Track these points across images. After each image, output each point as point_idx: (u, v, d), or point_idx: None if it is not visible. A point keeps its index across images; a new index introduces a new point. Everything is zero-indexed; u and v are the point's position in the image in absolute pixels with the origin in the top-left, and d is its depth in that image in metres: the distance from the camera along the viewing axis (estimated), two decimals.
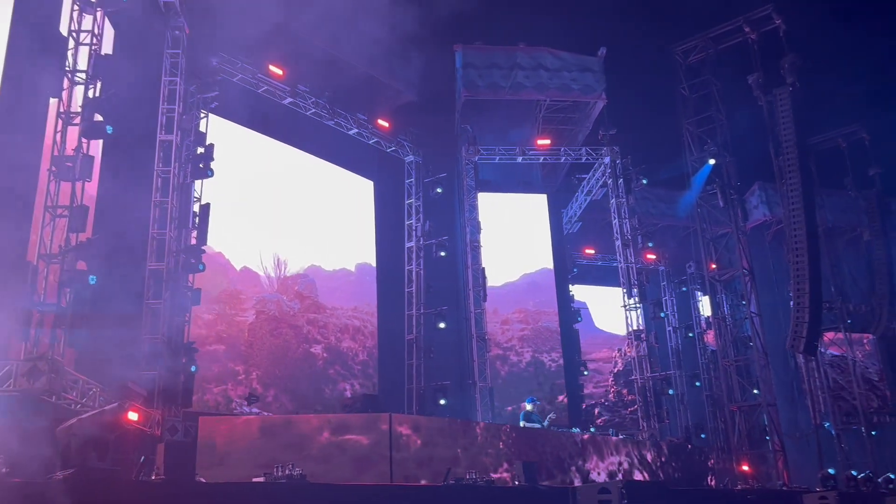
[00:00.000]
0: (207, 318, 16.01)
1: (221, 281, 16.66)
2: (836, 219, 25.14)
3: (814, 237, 18.48)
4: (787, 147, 18.64)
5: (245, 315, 16.86)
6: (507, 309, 22.73)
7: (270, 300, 17.47)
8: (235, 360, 16.35)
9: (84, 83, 10.75)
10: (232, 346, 16.35)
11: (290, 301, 17.99)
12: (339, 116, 18.90)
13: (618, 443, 14.69)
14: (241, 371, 16.39)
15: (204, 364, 15.40)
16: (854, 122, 24.49)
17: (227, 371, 16.08)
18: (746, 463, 18.45)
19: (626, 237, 20.57)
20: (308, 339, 18.17)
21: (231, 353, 16.27)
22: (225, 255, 16.80)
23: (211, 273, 16.09)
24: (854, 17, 24.00)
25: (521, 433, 13.41)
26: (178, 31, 14.57)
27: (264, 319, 17.19)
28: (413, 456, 11.48)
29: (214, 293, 16.36)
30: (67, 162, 10.14)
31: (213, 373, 15.79)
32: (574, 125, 22.21)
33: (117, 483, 7.24)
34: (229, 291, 16.76)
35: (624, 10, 22.11)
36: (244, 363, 16.51)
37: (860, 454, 20.45)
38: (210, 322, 16.10)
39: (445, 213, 20.39)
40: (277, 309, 17.58)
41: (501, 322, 22.45)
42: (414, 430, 11.74)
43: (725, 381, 19.92)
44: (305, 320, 18.22)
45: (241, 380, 16.27)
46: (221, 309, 16.43)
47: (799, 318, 17.89)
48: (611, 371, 26.42)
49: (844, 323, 22.32)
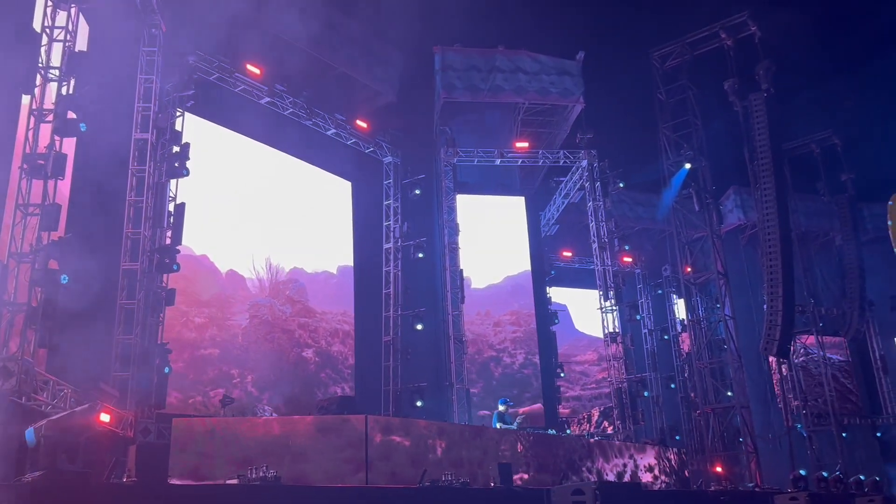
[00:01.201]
0: (198, 321, 16.03)
1: (211, 285, 16.66)
2: (809, 223, 25.58)
3: (787, 241, 18.74)
4: (762, 152, 18.90)
5: (235, 319, 16.89)
6: (499, 311, 22.77)
7: (263, 305, 17.56)
8: (230, 363, 16.40)
9: (57, 80, 10.63)
10: (226, 351, 16.41)
11: (282, 305, 18.09)
12: (317, 116, 18.82)
13: (620, 446, 15.18)
14: (237, 375, 16.43)
15: (199, 368, 15.63)
16: (827, 128, 24.92)
17: (223, 375, 16.13)
18: (720, 464, 18.63)
19: (602, 240, 20.71)
20: (300, 343, 18.29)
21: (225, 357, 16.33)
22: (210, 258, 16.74)
23: (199, 276, 16.23)
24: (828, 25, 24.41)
25: (538, 438, 13.67)
26: (155, 28, 14.47)
27: (258, 324, 17.27)
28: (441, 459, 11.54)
29: (205, 297, 16.40)
30: (40, 160, 10.01)
31: (209, 377, 15.85)
32: (552, 128, 22.33)
33: (88, 486, 7.14)
34: (220, 296, 16.76)
35: (602, 14, 22.31)
36: (239, 367, 16.56)
37: (831, 455, 20.76)
38: (201, 326, 16.10)
39: (424, 215, 20.38)
40: (270, 313, 17.69)
41: (494, 324, 22.50)
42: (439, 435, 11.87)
43: (700, 383, 20.12)
44: (297, 325, 18.34)
45: (237, 383, 16.30)
46: (212, 313, 16.44)
47: (772, 321, 18.14)
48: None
49: (817, 326, 22.66)
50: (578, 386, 25.66)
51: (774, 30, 19.94)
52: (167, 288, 13.70)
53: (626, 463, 14.75)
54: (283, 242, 18.41)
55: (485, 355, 21.79)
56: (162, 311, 13.59)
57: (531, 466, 12.66)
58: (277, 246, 18.30)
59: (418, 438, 11.50)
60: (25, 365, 8.92)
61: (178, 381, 14.64)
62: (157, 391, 12.67)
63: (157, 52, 14.49)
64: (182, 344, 15.29)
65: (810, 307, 22.40)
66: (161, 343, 13.20)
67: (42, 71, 10.54)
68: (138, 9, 14.08)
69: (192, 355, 15.69)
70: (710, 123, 21.16)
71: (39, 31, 10.64)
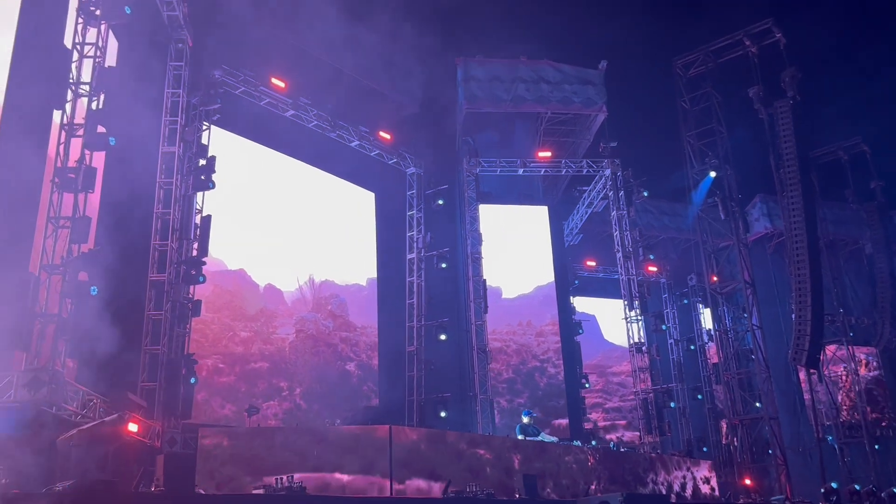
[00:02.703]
0: (244, 335, 16.48)
1: (254, 299, 17.21)
2: (838, 231, 25.18)
3: (815, 250, 18.47)
4: (789, 159, 18.67)
5: (278, 332, 17.34)
6: (540, 320, 22.75)
7: (309, 320, 18.15)
8: (279, 376, 16.91)
9: (87, 95, 10.82)
10: (274, 364, 16.93)
11: (325, 320, 18.63)
12: (341, 128, 18.95)
13: (678, 460, 16.08)
14: (286, 387, 16.96)
15: (250, 381, 16.23)
16: (855, 134, 24.58)
17: (273, 388, 16.68)
18: (749, 477, 18.34)
19: (627, 249, 20.57)
20: (342, 356, 18.84)
21: (274, 371, 16.87)
22: (247, 272, 17.13)
23: (242, 291, 16.82)
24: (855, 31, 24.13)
25: (606, 452, 14.72)
26: (182, 43, 14.69)
27: (304, 338, 17.80)
28: (518, 469, 12.29)
29: (251, 311, 16.92)
30: (70, 173, 10.18)
31: (260, 389, 16.37)
32: (575, 137, 22.27)
33: (117, 494, 7.22)
34: (264, 311, 17.29)
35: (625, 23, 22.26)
36: (288, 380, 17.08)
37: (863, 468, 20.35)
38: (247, 340, 16.55)
39: (446, 225, 20.40)
40: (315, 328, 18.21)
41: (536, 334, 22.50)
42: (515, 450, 12.72)
43: (727, 394, 19.85)
44: (339, 339, 18.90)
45: (286, 396, 16.84)
46: (257, 327, 16.94)
47: (801, 330, 17.85)
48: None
49: (847, 336, 22.27)
50: (617, 397, 25.46)
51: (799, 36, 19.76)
52: (193, 299, 13.84)
53: (685, 475, 15.68)
54: (312, 255, 18.68)
55: (529, 365, 21.86)
56: (188, 322, 13.72)
57: (603, 479, 13.52)
58: (307, 258, 18.61)
59: (499, 451, 12.38)
60: (56, 375, 9.05)
61: (231, 393, 15.38)
62: (184, 401, 12.78)
63: (184, 67, 14.71)
64: (233, 358, 15.94)
65: (840, 317, 22.03)
66: (187, 354, 13.32)
67: (73, 86, 10.74)
68: (165, 24, 14.33)
69: (243, 369, 16.24)
70: (735, 131, 20.98)
71: (70, 48, 10.85)
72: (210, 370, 15.48)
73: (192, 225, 14.23)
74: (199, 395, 14.39)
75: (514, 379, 21.02)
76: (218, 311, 16.22)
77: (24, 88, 10.18)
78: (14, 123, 9.99)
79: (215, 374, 15.68)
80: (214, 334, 15.96)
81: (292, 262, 18.20)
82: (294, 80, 17.45)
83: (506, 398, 21.13)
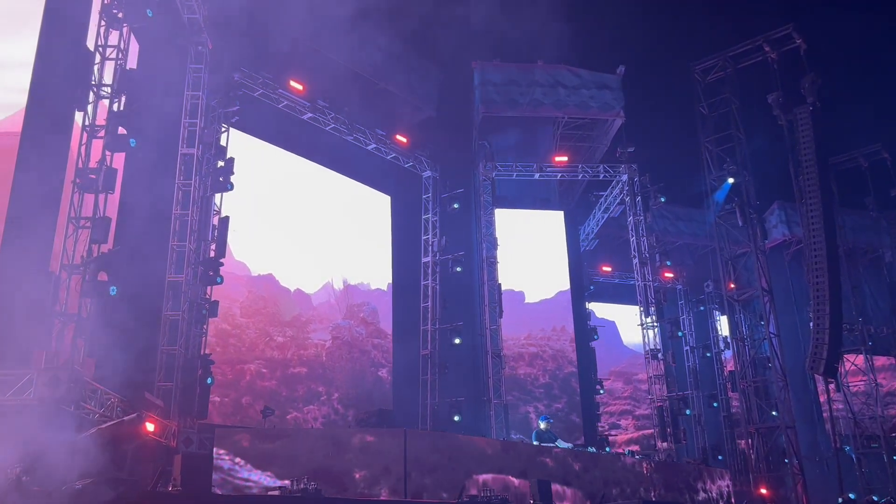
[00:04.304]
0: (279, 340, 16.86)
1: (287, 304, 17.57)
2: (857, 239, 24.88)
3: (834, 257, 18.28)
4: (808, 166, 18.51)
5: (311, 337, 17.73)
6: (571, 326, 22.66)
7: (344, 327, 18.60)
8: (317, 382, 17.34)
9: (109, 97, 10.92)
10: (312, 369, 17.35)
11: (358, 327, 19.04)
12: (358, 132, 19.02)
13: (722, 471, 17.10)
14: (324, 392, 17.40)
15: (290, 385, 16.73)
16: (876, 141, 24.31)
17: (312, 392, 17.14)
18: (765, 486, 18.17)
19: (643, 255, 20.46)
20: (375, 362, 19.22)
21: (312, 376, 17.30)
22: (275, 276, 17.42)
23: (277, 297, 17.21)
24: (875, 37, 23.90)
25: (660, 463, 16.03)
26: (201, 46, 14.80)
27: (339, 345, 18.24)
28: (580, 475, 13.27)
29: (287, 317, 17.28)
30: (91, 174, 10.28)
31: (300, 394, 16.82)
32: (592, 142, 22.20)
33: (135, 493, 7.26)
34: (300, 317, 17.67)
35: (643, 28, 22.16)
36: (325, 385, 17.51)
37: (881, 479, 20.07)
38: (283, 345, 16.92)
39: (462, 229, 20.39)
40: (349, 335, 18.64)
41: (570, 340, 22.37)
42: (575, 459, 13.64)
43: (743, 402, 19.67)
44: (371, 345, 19.29)
45: (324, 400, 17.30)
46: (294, 333, 17.29)
47: (819, 339, 17.66)
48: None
49: (865, 345, 22.02)
50: (644, 404, 25.29)
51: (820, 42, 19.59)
52: (210, 300, 13.91)
53: (728, 484, 16.64)
54: (333, 258, 18.90)
55: (566, 371, 21.84)
56: (205, 323, 13.80)
57: (659, 486, 14.58)
58: (329, 262, 18.82)
59: (562, 460, 13.34)
60: (74, 374, 9.12)
61: (273, 397, 15.84)
62: (200, 401, 12.85)
63: (203, 69, 14.81)
64: (273, 363, 16.39)
65: (858, 326, 21.78)
66: (204, 354, 13.40)
67: (94, 88, 10.85)
68: (186, 27, 14.44)
69: (283, 374, 16.64)
70: (754, 137, 20.81)
71: (93, 50, 10.96)
72: (253, 375, 15.96)
73: (210, 226, 14.32)
74: (244, 398, 14.91)
75: (551, 384, 21.06)
76: (251, 316, 16.54)
77: (47, 89, 10.30)
78: (37, 124, 10.11)
79: (258, 379, 16.10)
80: (251, 339, 16.33)
81: (314, 266, 18.42)
82: (312, 84, 17.54)
83: (543, 403, 21.08)
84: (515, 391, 20.64)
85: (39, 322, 9.28)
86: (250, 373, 15.69)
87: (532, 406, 20.33)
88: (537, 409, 20.25)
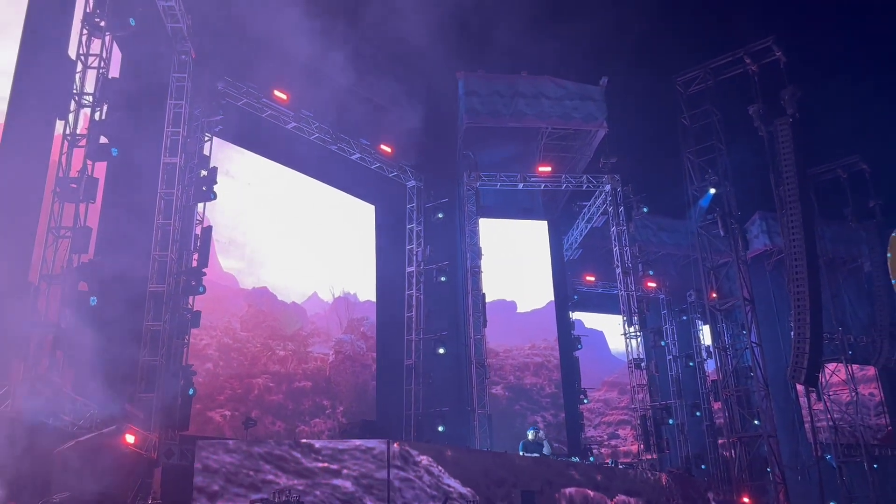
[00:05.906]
0: (281, 354, 16.88)
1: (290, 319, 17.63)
2: (837, 249, 25.18)
3: (814, 267, 18.46)
4: (788, 177, 18.70)
5: (311, 350, 17.77)
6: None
7: (346, 341, 18.73)
8: (321, 395, 17.45)
9: (90, 106, 10.85)
10: (316, 383, 17.43)
11: (358, 341, 19.11)
12: (342, 141, 19.01)
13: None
14: (328, 406, 17.50)
15: (297, 399, 16.79)
16: (854, 153, 24.66)
17: (317, 406, 17.24)
18: (747, 495, 18.26)
19: (626, 265, 20.57)
20: (376, 376, 19.20)
21: (317, 389, 17.40)
22: (270, 290, 17.38)
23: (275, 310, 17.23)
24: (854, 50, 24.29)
25: (675, 475, 16.40)
26: (185, 55, 14.74)
27: (342, 359, 18.36)
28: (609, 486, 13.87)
29: (289, 331, 17.30)
30: (72, 183, 10.20)
31: (305, 407, 16.89)
32: (575, 153, 22.31)
33: None
34: (301, 330, 17.68)
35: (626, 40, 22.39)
36: (330, 398, 17.61)
37: (862, 487, 20.24)
38: (284, 358, 16.93)
39: (446, 239, 20.41)
40: (351, 349, 18.74)
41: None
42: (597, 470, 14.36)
43: (726, 411, 19.78)
44: (371, 359, 19.29)
45: (329, 413, 17.40)
46: (294, 347, 17.32)
47: (799, 348, 17.81)
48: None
49: (845, 354, 22.24)
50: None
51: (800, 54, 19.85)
52: (193, 310, 13.80)
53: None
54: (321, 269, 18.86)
55: None
56: (187, 333, 13.68)
57: (677, 496, 15.37)
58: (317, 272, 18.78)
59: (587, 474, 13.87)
60: (54, 385, 9.02)
61: (280, 411, 15.98)
62: (181, 412, 12.71)
63: (187, 79, 14.75)
64: (279, 377, 16.46)
65: (839, 335, 22.00)
66: (186, 365, 13.27)
67: (76, 97, 10.78)
68: (169, 36, 14.39)
69: (289, 388, 16.67)
70: (735, 148, 21.00)
71: (74, 59, 10.90)
72: (262, 389, 16.01)
73: (193, 235, 14.23)
74: (254, 412, 14.86)
75: (557, 394, 21.02)
76: (251, 330, 16.48)
77: (27, 98, 10.21)
78: (17, 133, 10.01)
79: (266, 393, 16.13)
80: (253, 353, 16.30)
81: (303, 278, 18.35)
82: (296, 93, 17.52)
83: (550, 412, 21.02)
84: (523, 401, 20.76)
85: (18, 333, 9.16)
86: (258, 387, 15.82)
87: (540, 416, 20.34)
88: (545, 420, 20.28)
